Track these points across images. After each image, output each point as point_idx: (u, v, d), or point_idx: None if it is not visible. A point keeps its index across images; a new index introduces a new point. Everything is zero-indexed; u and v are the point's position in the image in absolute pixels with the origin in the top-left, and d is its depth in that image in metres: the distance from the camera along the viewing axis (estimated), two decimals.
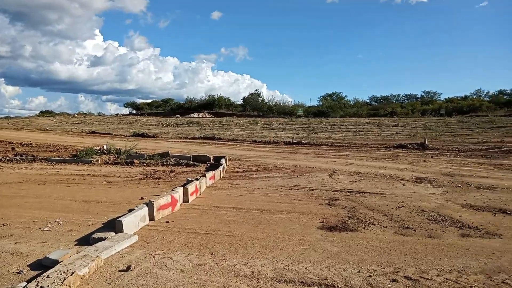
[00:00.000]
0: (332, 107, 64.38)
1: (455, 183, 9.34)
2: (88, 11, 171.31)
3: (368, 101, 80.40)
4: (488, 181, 9.58)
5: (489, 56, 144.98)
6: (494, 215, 6.33)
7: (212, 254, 4.45)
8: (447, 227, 5.61)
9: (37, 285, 3.25)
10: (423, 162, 13.90)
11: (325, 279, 3.72)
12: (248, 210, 6.67)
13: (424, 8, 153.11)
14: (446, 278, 3.75)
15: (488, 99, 64.30)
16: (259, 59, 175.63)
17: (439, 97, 75.31)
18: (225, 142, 24.53)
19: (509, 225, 5.70)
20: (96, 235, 4.87)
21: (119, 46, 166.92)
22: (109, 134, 30.37)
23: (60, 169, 11.90)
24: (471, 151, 17.52)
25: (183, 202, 7.06)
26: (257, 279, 3.74)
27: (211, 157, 14.15)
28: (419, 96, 79.03)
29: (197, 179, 8.19)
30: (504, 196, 7.88)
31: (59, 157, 14.70)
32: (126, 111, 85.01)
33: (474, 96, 68.53)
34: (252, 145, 22.88)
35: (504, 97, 65.03)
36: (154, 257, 4.32)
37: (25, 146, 19.94)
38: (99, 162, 13.43)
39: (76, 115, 65.81)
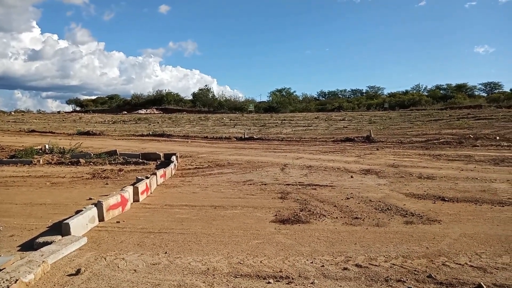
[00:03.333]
0: (281, 103, 65.46)
1: (399, 174, 9.86)
2: (23, 1, 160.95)
3: (316, 96, 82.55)
4: (428, 171, 10.20)
5: (427, 53, 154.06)
6: (434, 203, 6.76)
7: (166, 252, 4.38)
8: (393, 216, 5.92)
9: None
10: (369, 155, 14.52)
11: (280, 271, 3.80)
12: (202, 207, 6.63)
13: (369, 6, 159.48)
14: (393, 264, 3.96)
15: (427, 94, 68.37)
16: (209, 54, 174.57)
17: (382, 91, 79.05)
18: (175, 139, 24.11)
19: (448, 211, 6.12)
20: (41, 240, 4.61)
21: (59, 39, 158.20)
22: (51, 132, 28.73)
23: None
24: (413, 143, 18.54)
25: (133, 201, 6.87)
26: (213, 275, 3.74)
27: (161, 154, 13.85)
28: (364, 91, 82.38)
29: (147, 178, 8.00)
30: (442, 184, 8.43)
31: None
32: (69, 108, 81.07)
33: (414, 91, 72.58)
34: (203, 141, 22.68)
35: (441, 91, 69.49)
36: (105, 258, 4.18)
37: None
38: (41, 162, 12.69)
39: (12, 113, 61.61)
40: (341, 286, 3.49)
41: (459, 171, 10.14)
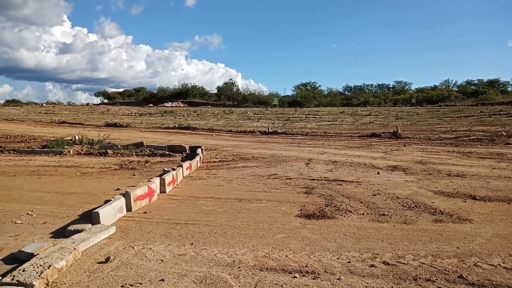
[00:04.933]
0: (306, 97, 64.90)
1: (427, 171, 9.63)
2: None
3: (341, 90, 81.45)
4: (458, 169, 9.91)
5: (457, 48, 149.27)
6: (465, 201, 6.57)
7: (192, 244, 4.43)
8: (421, 213, 5.78)
9: (12, 279, 3.15)
10: (396, 151, 14.24)
11: (305, 266, 3.78)
12: (227, 200, 6.67)
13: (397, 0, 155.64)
14: (422, 262, 3.87)
15: (456, 89, 66.35)
16: (234, 48, 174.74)
17: (410, 87, 77.20)
18: (200, 132, 24.33)
19: (479, 211, 5.93)
20: (72, 227, 4.75)
21: (88, 33, 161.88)
22: (80, 124, 29.53)
23: (30, 160, 11.51)
24: (441, 140, 18.06)
25: (160, 192, 6.98)
26: (239, 267, 3.76)
27: (186, 147, 14.01)
28: (391, 86, 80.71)
29: (174, 169, 8.10)
30: (473, 182, 8.18)
31: (28, 148, 14.19)
32: (97, 100, 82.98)
33: (443, 86, 70.57)
34: (228, 134, 22.79)
35: (471, 87, 67.29)
36: (133, 248, 4.26)
37: None
38: (71, 152, 13.06)
39: (44, 105, 63.60)
40: (368, 283, 3.44)
41: (491, 169, 9.81)
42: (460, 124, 26.20)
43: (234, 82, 76.68)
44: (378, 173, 9.46)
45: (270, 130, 23.64)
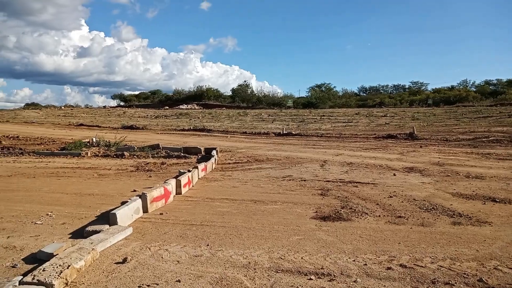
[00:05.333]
0: (321, 98, 64.48)
1: (445, 173, 9.48)
2: (74, 1, 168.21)
3: (356, 91, 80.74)
4: (477, 170, 9.73)
5: (475, 47, 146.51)
6: (484, 203, 6.44)
7: (207, 245, 4.46)
8: (439, 216, 5.70)
9: (33, 278, 3.22)
10: (412, 152, 14.06)
11: (321, 268, 3.76)
12: (242, 201, 6.69)
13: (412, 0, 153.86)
14: (440, 266, 3.81)
15: (474, 90, 65.03)
16: (248, 50, 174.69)
17: (426, 87, 75.98)
18: (215, 134, 24.45)
19: (499, 213, 5.81)
20: (90, 228, 4.83)
21: (105, 36, 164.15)
22: (97, 126, 30.00)
23: (49, 162, 11.75)
24: (459, 141, 17.75)
25: (176, 194, 7.04)
26: (254, 269, 3.76)
27: (202, 148, 14.10)
28: (407, 86, 79.61)
29: (189, 171, 8.16)
30: (492, 184, 8.02)
31: (47, 150, 14.50)
32: (114, 103, 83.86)
33: (461, 87, 69.28)
34: (242, 136, 22.85)
35: (490, 87, 65.89)
36: (149, 249, 4.31)
37: (11, 139, 19.59)
38: (89, 154, 13.29)
39: (63, 108, 64.74)
40: (385, 286, 3.40)
41: (511, 171, 9.60)
42: (478, 125, 25.70)
43: (249, 84, 76.76)
44: (394, 174, 9.35)
45: (284, 132, 23.61)
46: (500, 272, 3.65)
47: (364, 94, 78.56)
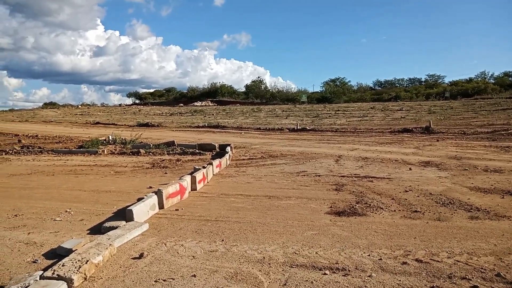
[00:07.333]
0: (335, 93, 63.91)
1: (462, 166, 9.33)
2: (89, 1, 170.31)
3: (371, 86, 79.79)
4: (495, 164, 9.55)
5: (494, 38, 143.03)
6: (503, 197, 6.33)
7: (222, 240, 4.50)
8: (456, 210, 5.62)
9: (53, 273, 3.31)
10: (428, 146, 13.87)
11: (336, 263, 3.76)
12: (256, 197, 6.71)
13: None
14: (457, 260, 3.77)
15: (493, 82, 63.52)
16: (262, 45, 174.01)
17: (443, 80, 74.49)
18: (229, 130, 24.54)
19: None
20: (107, 224, 4.92)
21: (120, 35, 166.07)
22: (113, 124, 30.45)
23: (67, 160, 11.98)
24: (477, 134, 17.43)
25: (191, 190, 7.11)
26: (269, 264, 3.78)
27: (216, 145, 14.18)
28: (423, 79, 78.21)
29: (204, 167, 8.23)
30: (511, 178, 7.86)
31: (65, 148, 14.80)
32: (129, 101, 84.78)
33: (479, 79, 67.77)
34: (256, 132, 22.88)
35: (509, 79, 64.27)
36: (165, 244, 4.37)
37: (31, 138, 20.06)
38: (105, 152, 13.50)
39: (80, 106, 65.83)
40: (400, 280, 3.38)
41: None
42: (497, 117, 25.16)
43: (262, 80, 76.52)
44: (410, 169, 9.25)
45: (298, 127, 23.54)
46: None
47: (379, 88, 77.55)
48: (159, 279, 3.47)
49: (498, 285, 3.25)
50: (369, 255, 3.95)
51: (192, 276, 3.52)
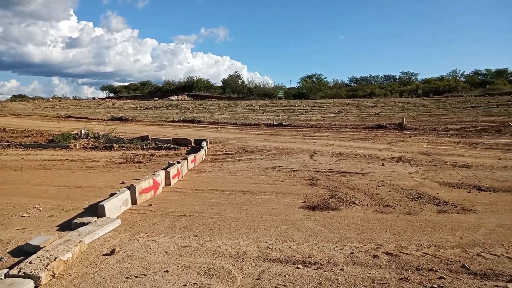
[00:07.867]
0: (311, 89, 64.49)
1: (432, 162, 9.59)
2: None
3: (347, 82, 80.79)
4: (464, 159, 9.87)
5: (465, 37, 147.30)
6: (469, 192, 6.55)
7: (196, 236, 4.47)
8: (425, 204, 5.78)
9: (19, 271, 3.21)
10: (401, 142, 14.19)
11: (308, 257, 3.80)
12: (231, 192, 6.70)
13: None
14: (424, 253, 3.88)
15: (464, 80, 65.51)
16: (240, 40, 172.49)
17: (416, 77, 76.21)
18: (205, 125, 24.37)
19: (483, 201, 5.91)
20: (78, 220, 4.81)
21: (94, 27, 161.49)
22: (86, 118, 29.69)
23: (37, 154, 11.62)
24: (447, 131, 17.96)
25: (165, 185, 7.03)
26: (242, 259, 3.79)
27: (191, 140, 14.07)
28: (397, 77, 79.82)
29: (178, 162, 8.14)
30: (478, 173, 8.14)
31: (34, 142, 14.34)
32: (103, 94, 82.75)
33: (450, 77, 69.74)
34: (233, 127, 22.81)
35: (479, 77, 66.40)
36: (138, 240, 4.31)
37: None
38: (77, 147, 13.17)
39: (50, 99, 63.80)
40: (370, 273, 3.45)
41: (496, 160, 9.76)
42: (467, 114, 25.99)
43: (239, 75, 76.31)
44: (383, 164, 9.44)
45: (275, 123, 23.62)
46: (482, 258, 3.73)
47: (355, 85, 78.61)
48: (130, 276, 3.42)
49: (463, 276, 3.36)
50: (341, 249, 4.01)
51: (164, 272, 3.49)
